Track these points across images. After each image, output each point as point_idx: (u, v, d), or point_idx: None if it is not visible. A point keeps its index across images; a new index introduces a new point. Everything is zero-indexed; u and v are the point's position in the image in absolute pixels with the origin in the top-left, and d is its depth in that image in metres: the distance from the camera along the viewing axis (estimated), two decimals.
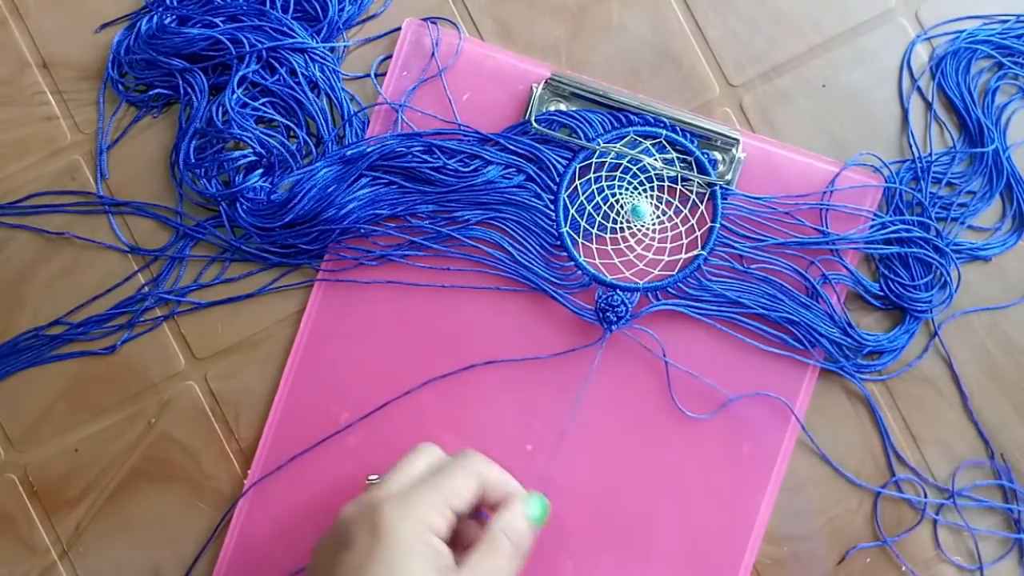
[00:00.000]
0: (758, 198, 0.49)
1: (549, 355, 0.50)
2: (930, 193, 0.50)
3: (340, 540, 0.39)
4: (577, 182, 0.50)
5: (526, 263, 0.50)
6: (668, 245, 0.50)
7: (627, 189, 0.50)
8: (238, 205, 0.50)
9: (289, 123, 0.51)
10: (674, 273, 0.49)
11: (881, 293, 0.50)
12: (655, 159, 0.50)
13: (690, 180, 0.50)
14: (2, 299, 0.52)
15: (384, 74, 0.51)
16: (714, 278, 0.49)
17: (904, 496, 0.50)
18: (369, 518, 0.39)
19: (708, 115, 0.51)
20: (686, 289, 0.49)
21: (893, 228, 0.49)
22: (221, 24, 0.50)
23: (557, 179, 0.50)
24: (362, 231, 0.50)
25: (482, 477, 0.42)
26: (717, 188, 0.49)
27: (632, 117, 0.50)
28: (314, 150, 0.51)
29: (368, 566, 0.38)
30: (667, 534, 0.49)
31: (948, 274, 0.50)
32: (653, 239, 0.50)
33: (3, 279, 0.52)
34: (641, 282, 0.49)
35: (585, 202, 0.50)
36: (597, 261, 0.50)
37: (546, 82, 0.50)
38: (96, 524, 0.51)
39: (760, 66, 0.51)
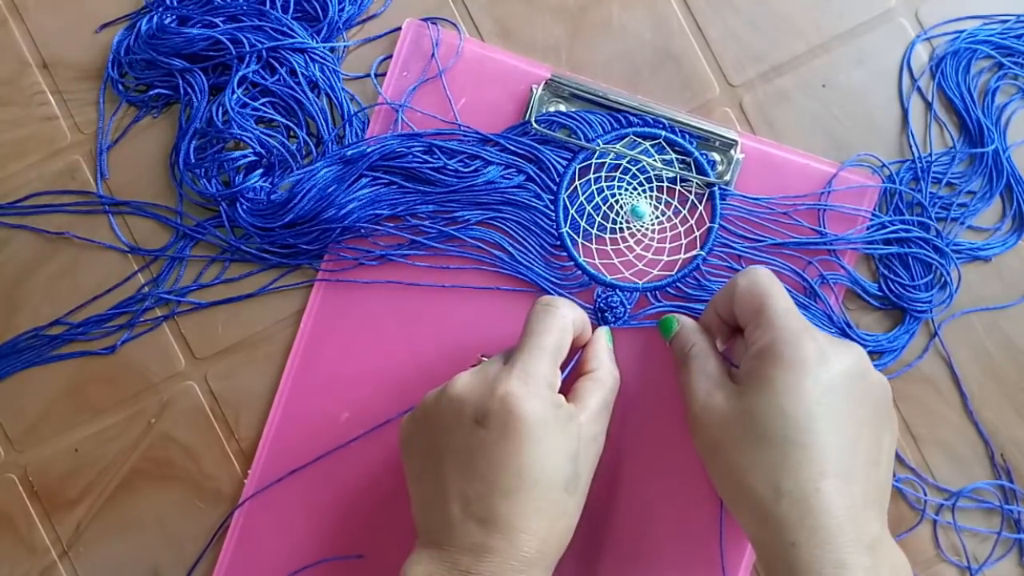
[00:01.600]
0: (757, 198, 0.49)
1: None
2: (930, 193, 0.50)
3: (467, 415, 0.41)
4: (577, 182, 0.50)
5: (526, 263, 0.50)
6: (667, 245, 0.50)
7: (627, 189, 0.50)
8: (238, 205, 0.50)
9: (289, 123, 0.51)
10: (673, 273, 0.49)
11: (881, 293, 0.50)
12: (654, 160, 0.50)
13: (689, 181, 0.50)
14: (2, 299, 0.52)
15: (384, 74, 0.51)
16: (713, 278, 0.49)
17: (904, 495, 0.50)
18: (494, 394, 0.41)
19: (708, 115, 0.51)
20: (685, 289, 0.50)
21: (893, 228, 0.49)
22: (221, 24, 0.50)
23: (557, 179, 0.50)
24: (362, 231, 0.50)
25: (570, 324, 0.44)
26: (716, 189, 0.49)
27: (631, 118, 0.50)
28: (314, 150, 0.51)
29: (505, 440, 0.40)
30: (666, 534, 0.49)
31: (948, 274, 0.50)
32: (652, 239, 0.50)
33: (3, 279, 0.52)
34: (640, 282, 0.49)
35: (585, 202, 0.50)
36: (597, 261, 0.50)
37: (546, 83, 0.50)
38: (96, 524, 0.51)
39: (760, 66, 0.51)
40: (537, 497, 0.40)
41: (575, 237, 0.50)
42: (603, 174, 0.50)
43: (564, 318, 0.44)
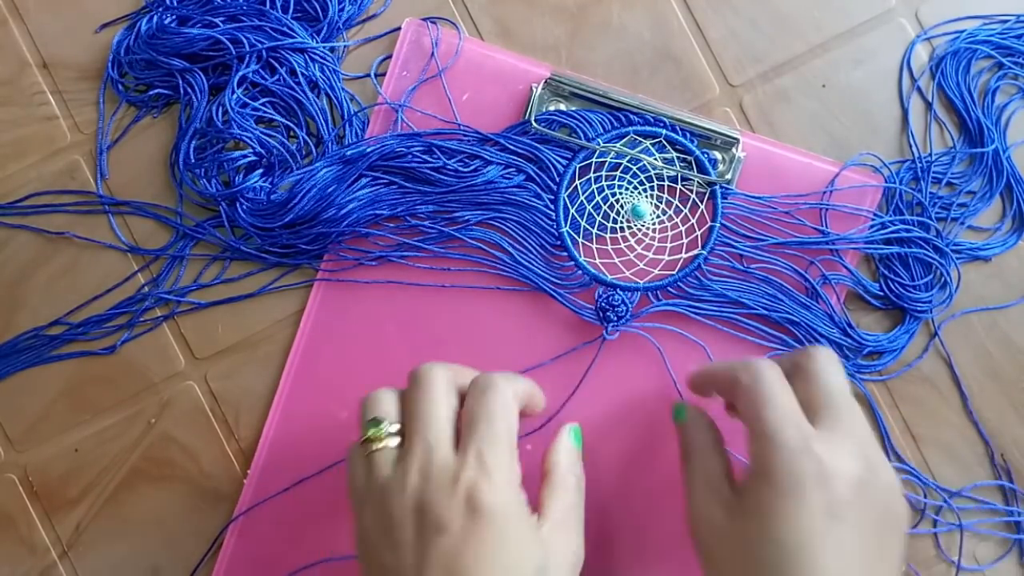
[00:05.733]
0: (758, 197, 0.49)
1: (551, 359, 0.50)
2: (930, 193, 0.50)
3: (425, 523, 0.37)
4: (577, 182, 0.50)
5: (526, 263, 0.50)
6: (668, 245, 0.50)
7: (627, 189, 0.50)
8: (238, 205, 0.50)
9: (289, 123, 0.51)
10: (674, 273, 0.49)
11: (881, 293, 0.50)
12: (655, 158, 0.50)
13: (690, 179, 0.50)
14: (2, 299, 0.52)
15: (384, 74, 0.51)
16: (714, 278, 0.49)
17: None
18: (456, 494, 0.37)
19: (708, 115, 0.51)
20: (686, 289, 0.49)
21: (893, 228, 0.49)
22: (221, 24, 0.50)
23: (557, 179, 0.50)
24: (362, 231, 0.50)
25: (511, 401, 0.40)
26: (717, 187, 0.49)
27: (632, 117, 0.50)
28: (314, 150, 0.51)
29: (471, 544, 0.36)
30: (667, 534, 0.49)
31: (948, 274, 0.50)
32: (653, 239, 0.50)
33: (3, 279, 0.52)
34: (641, 282, 0.49)
35: (585, 202, 0.50)
36: (597, 261, 0.50)
37: (546, 82, 0.50)
38: (96, 524, 0.51)
39: (760, 66, 0.51)
40: None
41: (575, 237, 0.50)
42: (603, 173, 0.50)
43: (504, 394, 0.40)
